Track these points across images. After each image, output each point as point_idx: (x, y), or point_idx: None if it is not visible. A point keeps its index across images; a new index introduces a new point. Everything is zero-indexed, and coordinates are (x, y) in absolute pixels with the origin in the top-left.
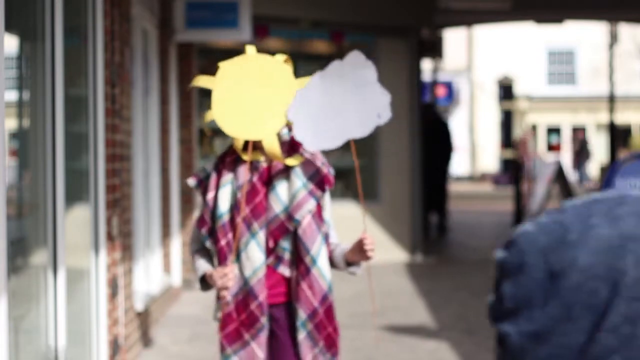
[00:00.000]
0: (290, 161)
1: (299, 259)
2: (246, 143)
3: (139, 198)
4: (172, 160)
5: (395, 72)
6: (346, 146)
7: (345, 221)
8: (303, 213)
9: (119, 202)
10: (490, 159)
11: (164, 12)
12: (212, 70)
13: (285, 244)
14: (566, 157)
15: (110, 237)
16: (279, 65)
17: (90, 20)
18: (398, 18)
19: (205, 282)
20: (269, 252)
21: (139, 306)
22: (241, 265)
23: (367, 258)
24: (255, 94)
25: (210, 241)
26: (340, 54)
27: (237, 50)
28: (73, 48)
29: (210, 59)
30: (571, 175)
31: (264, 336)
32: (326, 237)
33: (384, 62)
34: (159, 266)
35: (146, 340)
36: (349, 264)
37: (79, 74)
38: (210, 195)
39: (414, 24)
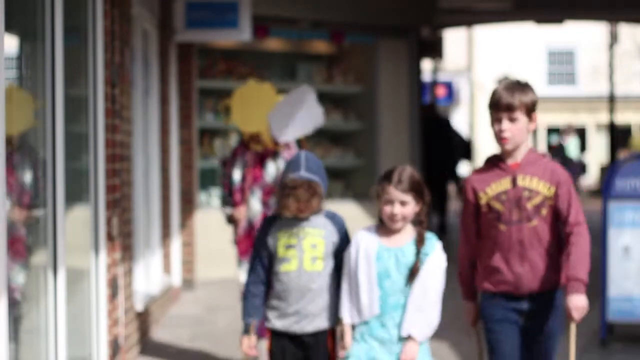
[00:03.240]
0: (278, 147)
1: None
2: (249, 137)
3: (139, 198)
4: (172, 161)
5: (395, 72)
6: (346, 146)
7: (345, 221)
8: None
9: (119, 202)
10: None
11: (164, 12)
12: (212, 71)
13: (273, 200)
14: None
15: (110, 238)
16: (268, 88)
17: (90, 20)
18: (398, 18)
19: (229, 219)
20: (264, 204)
21: (139, 306)
22: (248, 210)
23: None
24: (255, 105)
25: (230, 197)
26: (340, 54)
27: (237, 51)
28: (73, 48)
29: (210, 59)
30: None
31: None
32: None
33: (384, 62)
34: (159, 266)
35: (146, 340)
36: None
37: (79, 74)
38: (228, 170)
39: (414, 24)
